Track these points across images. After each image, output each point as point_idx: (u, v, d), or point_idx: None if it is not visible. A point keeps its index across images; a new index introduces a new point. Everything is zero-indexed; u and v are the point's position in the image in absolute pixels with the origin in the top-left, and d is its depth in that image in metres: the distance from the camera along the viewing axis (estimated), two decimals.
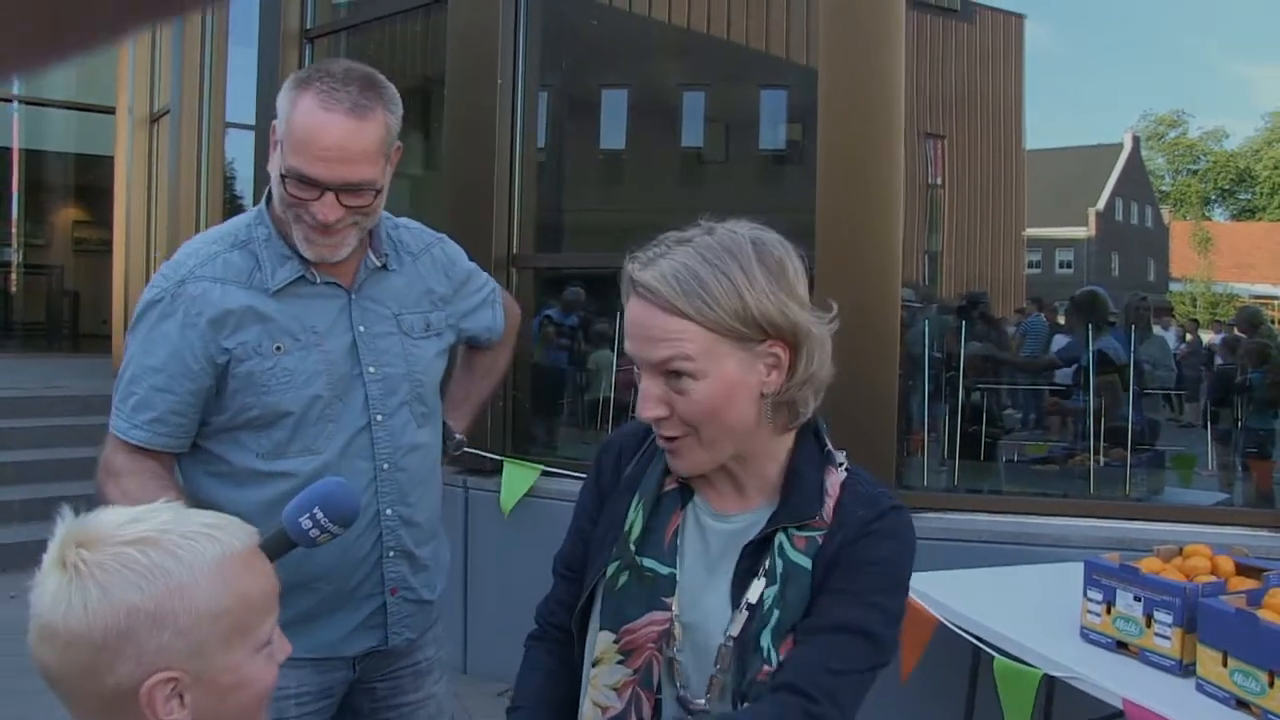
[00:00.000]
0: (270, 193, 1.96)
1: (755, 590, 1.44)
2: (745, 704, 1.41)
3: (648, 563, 1.50)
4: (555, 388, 5.68)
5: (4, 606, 5.72)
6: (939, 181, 6.15)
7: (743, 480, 1.53)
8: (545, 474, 4.55)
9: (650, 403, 1.42)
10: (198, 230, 6.20)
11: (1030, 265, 6.84)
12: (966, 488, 4.30)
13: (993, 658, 2.98)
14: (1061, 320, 5.57)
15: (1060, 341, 5.25)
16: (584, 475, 1.71)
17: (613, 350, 5.28)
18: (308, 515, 1.51)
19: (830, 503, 1.47)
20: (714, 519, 1.54)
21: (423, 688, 2.18)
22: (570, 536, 1.68)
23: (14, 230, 14.73)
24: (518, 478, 4.54)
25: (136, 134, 9.97)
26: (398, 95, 1.95)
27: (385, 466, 2.00)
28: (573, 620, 1.58)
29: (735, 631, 1.45)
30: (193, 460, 1.98)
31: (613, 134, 6.70)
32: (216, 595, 1.13)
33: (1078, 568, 2.86)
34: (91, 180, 13.76)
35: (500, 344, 2.39)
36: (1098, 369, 4.54)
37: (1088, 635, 2.72)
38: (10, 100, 13.55)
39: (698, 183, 6.59)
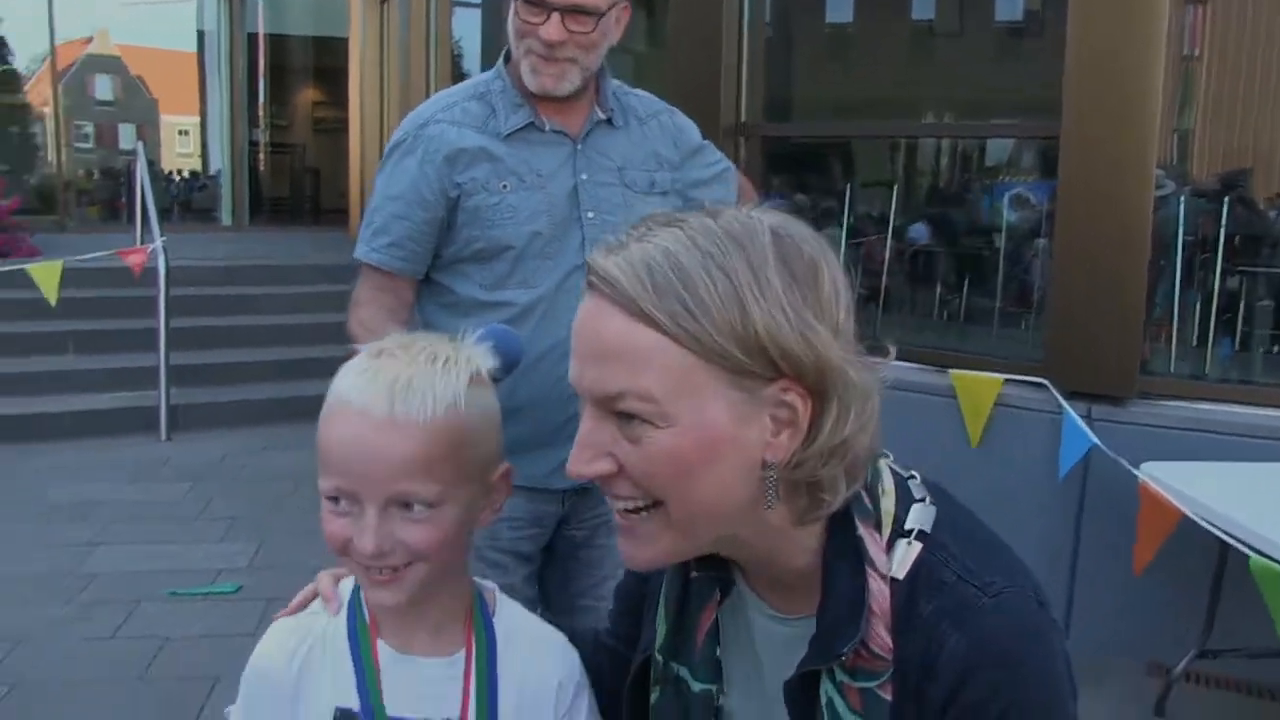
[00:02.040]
0: (508, 51, 2.12)
1: None
2: None
3: (680, 672, 1.12)
4: None
5: (258, 456, 6.22)
6: (1195, 53, 5.67)
7: (773, 575, 1.06)
8: None
9: (587, 453, 0.97)
10: None
11: None
12: (1218, 378, 4.04)
13: (1247, 557, 2.83)
14: None
15: None
16: None
17: (840, 227, 5.17)
18: None
19: (879, 622, 0.96)
20: (767, 618, 1.09)
21: (614, 536, 2.28)
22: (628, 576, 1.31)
23: (260, 113, 15.65)
24: None
25: (368, 14, 10.27)
26: None
27: None
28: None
29: None
30: (426, 293, 2.19)
31: (840, 5, 6.47)
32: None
33: None
34: (328, 62, 14.37)
35: None
36: None
37: None
38: None
39: (928, 56, 6.30)
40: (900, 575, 0.97)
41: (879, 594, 0.96)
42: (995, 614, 0.95)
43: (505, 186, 2.06)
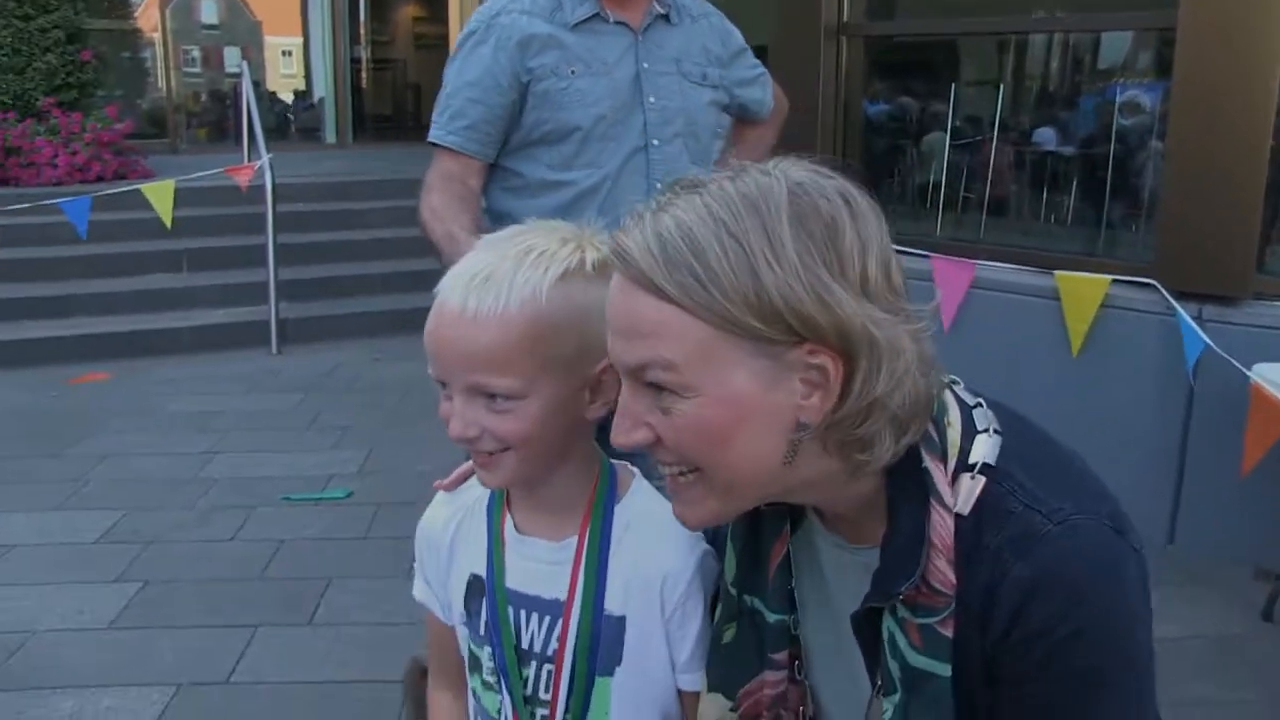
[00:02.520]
0: None
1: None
2: None
3: (754, 604, 1.13)
4: (887, 169, 5.50)
5: (367, 368, 6.39)
6: None
7: (839, 513, 1.08)
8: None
9: (626, 422, 0.99)
10: None
11: None
12: None
13: None
14: None
15: None
16: (920, 254, 1.53)
17: (945, 131, 5.04)
18: None
19: (941, 560, 0.96)
20: (838, 548, 1.10)
21: None
22: None
23: (362, 31, 15.74)
24: None
25: None
26: None
27: (659, 186, 2.16)
28: None
29: None
30: (492, 180, 2.31)
31: None
32: None
33: None
34: None
35: (768, 124, 2.63)
36: None
37: None
38: None
39: None
40: (965, 510, 0.96)
41: (942, 528, 0.96)
42: (1061, 540, 0.94)
43: (574, 72, 2.20)
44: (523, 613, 1.22)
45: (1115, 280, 3.76)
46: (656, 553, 1.21)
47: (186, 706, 2.96)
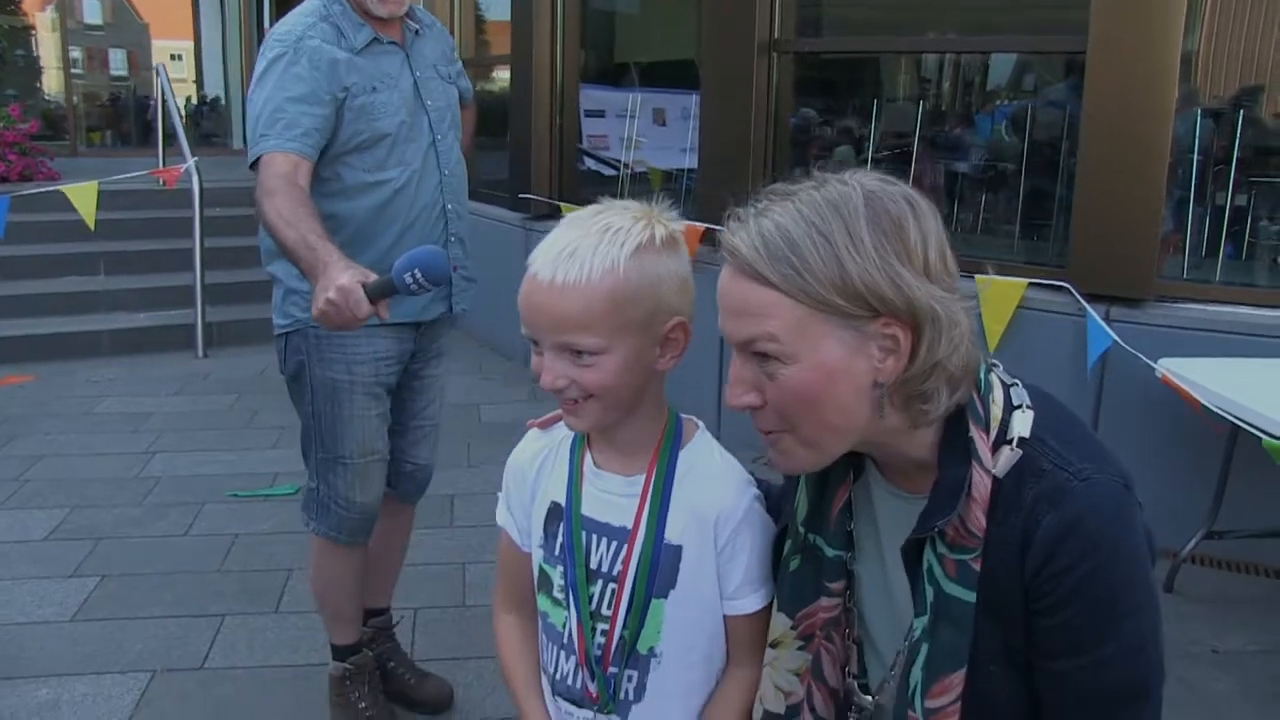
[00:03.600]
0: None
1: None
2: None
3: (816, 541, 1.35)
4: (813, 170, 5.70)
5: None
6: None
7: (896, 465, 1.30)
8: None
9: (739, 388, 1.21)
10: None
11: None
12: (1225, 280, 4.24)
13: (1255, 442, 3.07)
14: None
15: None
16: None
17: (870, 143, 5.31)
18: (409, 273, 1.94)
19: (976, 508, 1.17)
20: (891, 494, 1.32)
21: (440, 366, 2.87)
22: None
23: (266, 34, 15.55)
24: None
25: None
26: None
27: (446, 173, 2.67)
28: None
29: (914, 638, 1.25)
30: (311, 186, 2.49)
31: None
32: None
33: None
34: None
35: (469, 108, 2.98)
36: None
37: None
38: None
39: None
40: (1001, 474, 1.18)
41: (980, 484, 1.17)
42: (1084, 494, 1.15)
43: (374, 88, 2.51)
44: (594, 537, 1.42)
45: (1031, 283, 4.07)
46: (712, 493, 1.40)
47: (164, 692, 3.02)
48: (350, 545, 2.72)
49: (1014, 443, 1.20)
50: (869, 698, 1.35)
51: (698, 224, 4.75)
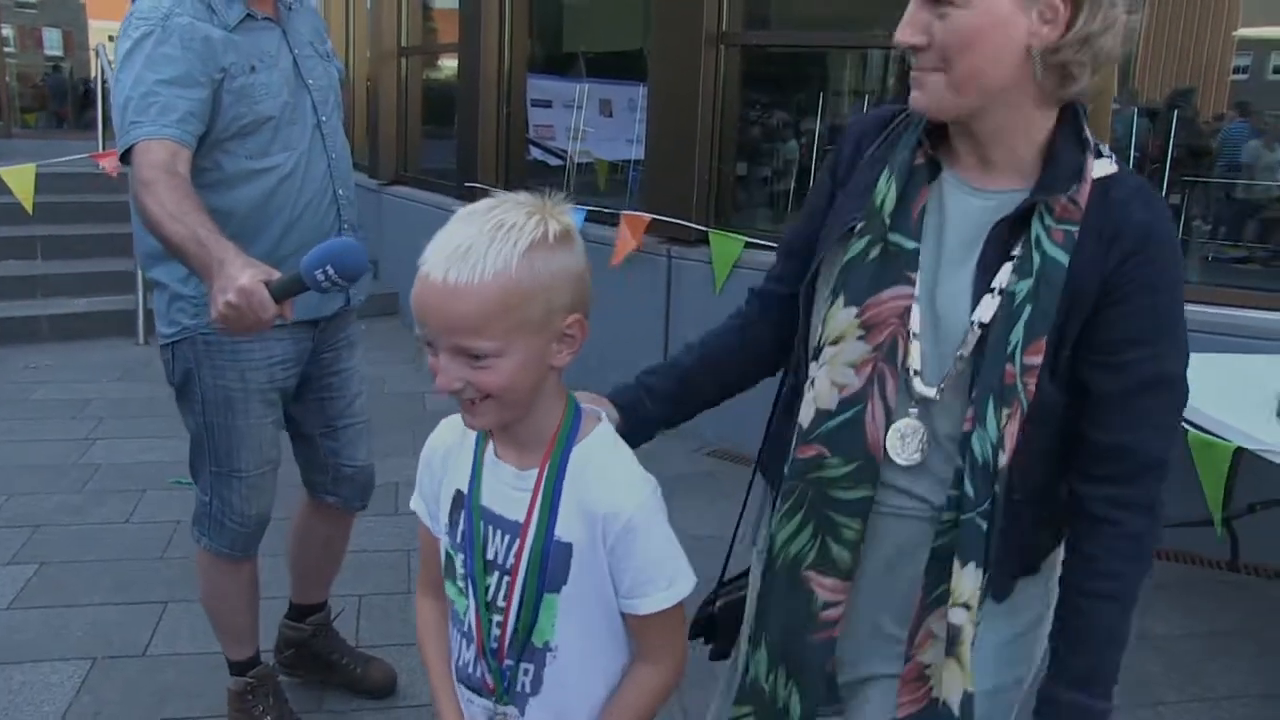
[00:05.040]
0: None
1: (1005, 276, 1.37)
2: (977, 407, 1.35)
3: (894, 237, 1.43)
4: (758, 163, 5.78)
5: None
6: None
7: (991, 156, 1.42)
8: (748, 245, 4.69)
9: (910, 27, 1.36)
10: None
11: (1237, 70, 6.47)
12: None
13: (1185, 431, 3.15)
14: None
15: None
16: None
17: (814, 137, 5.37)
18: (320, 269, 1.74)
19: (1085, 189, 1.35)
20: (966, 193, 1.44)
21: (354, 358, 2.74)
22: (803, 216, 1.65)
23: None
24: (725, 249, 4.69)
25: None
26: None
27: (334, 157, 2.52)
28: (801, 293, 1.56)
29: (985, 317, 1.37)
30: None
31: None
32: None
33: (1274, 359, 2.93)
34: None
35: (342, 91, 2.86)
36: None
37: None
38: None
39: None
40: (1105, 172, 1.38)
41: (1089, 171, 1.36)
42: (1163, 209, 1.39)
43: (253, 68, 2.31)
44: (490, 528, 1.42)
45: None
46: (602, 491, 1.38)
47: (105, 678, 3.01)
48: (243, 560, 2.62)
49: (1112, 158, 1.40)
50: (931, 390, 1.42)
51: (644, 215, 4.78)
